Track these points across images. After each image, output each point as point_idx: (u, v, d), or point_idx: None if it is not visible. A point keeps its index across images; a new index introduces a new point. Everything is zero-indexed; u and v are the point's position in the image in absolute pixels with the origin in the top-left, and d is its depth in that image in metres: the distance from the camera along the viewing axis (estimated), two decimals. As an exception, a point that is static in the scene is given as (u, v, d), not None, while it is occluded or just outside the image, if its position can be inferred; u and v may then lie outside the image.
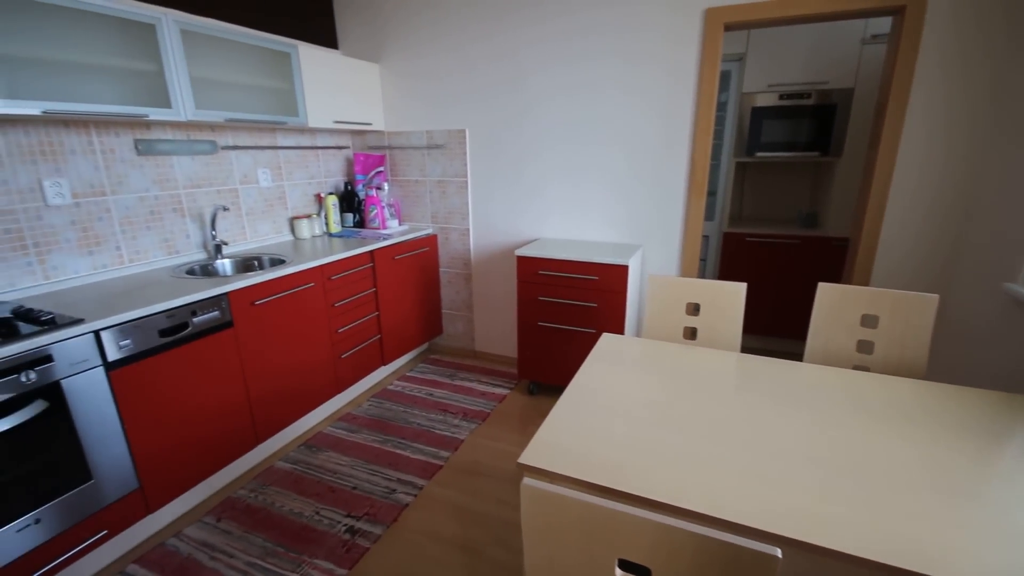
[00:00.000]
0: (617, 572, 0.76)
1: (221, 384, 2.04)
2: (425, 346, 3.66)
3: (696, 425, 1.22)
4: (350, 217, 3.27)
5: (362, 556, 1.81)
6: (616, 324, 2.58)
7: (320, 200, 3.20)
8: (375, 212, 3.18)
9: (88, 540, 1.65)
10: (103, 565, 1.78)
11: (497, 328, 3.38)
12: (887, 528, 0.88)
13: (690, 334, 1.93)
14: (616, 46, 2.59)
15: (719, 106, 3.47)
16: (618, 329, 2.58)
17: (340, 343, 2.67)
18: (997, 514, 0.91)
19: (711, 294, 1.84)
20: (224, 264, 2.50)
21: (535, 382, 2.97)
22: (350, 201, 3.27)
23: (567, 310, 2.68)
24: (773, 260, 3.39)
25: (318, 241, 2.92)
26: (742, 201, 4.01)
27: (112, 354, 1.66)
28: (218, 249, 2.50)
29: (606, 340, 1.76)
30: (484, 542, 1.87)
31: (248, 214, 2.76)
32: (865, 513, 0.91)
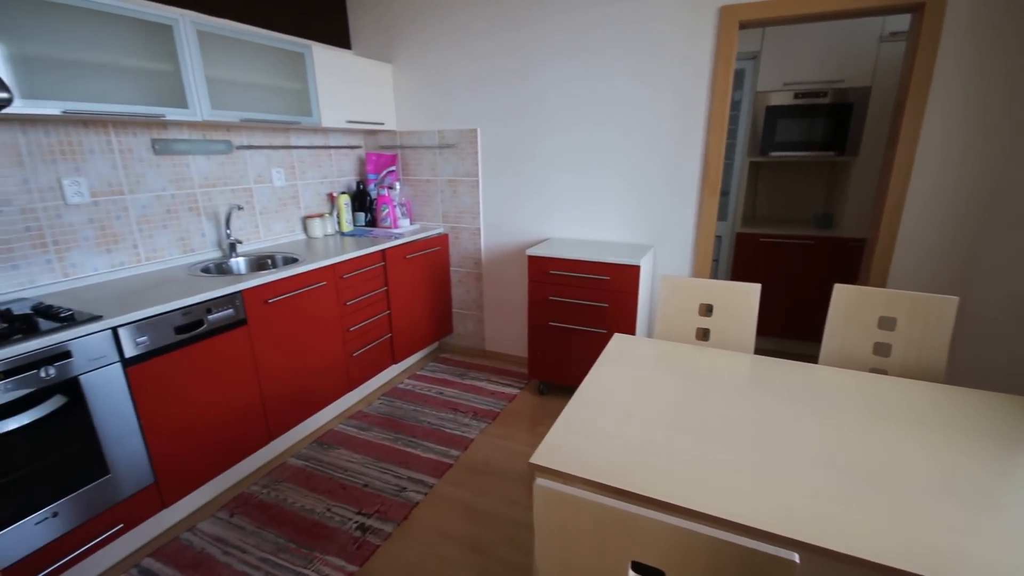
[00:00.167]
0: (630, 574, 0.75)
1: (235, 381, 2.06)
2: (435, 345, 3.67)
3: (710, 427, 1.21)
4: (362, 216, 3.29)
5: (373, 553, 1.81)
6: (627, 325, 2.57)
7: (332, 199, 3.22)
8: (387, 211, 3.20)
9: (104, 533, 1.68)
10: (119, 558, 1.80)
11: (507, 328, 3.38)
12: (905, 534, 0.86)
13: (702, 335, 1.92)
14: (630, 47, 2.57)
15: (733, 105, 3.44)
16: (629, 330, 2.57)
17: (351, 341, 2.68)
18: (1017, 521, 0.89)
19: (724, 295, 1.83)
20: (238, 262, 2.53)
21: (545, 382, 2.96)
22: (362, 200, 3.29)
23: (578, 310, 2.67)
24: (787, 261, 3.35)
25: (330, 240, 2.94)
26: (755, 201, 3.97)
27: (129, 351, 1.69)
28: (232, 248, 2.52)
29: (618, 341, 1.75)
30: (494, 542, 1.87)
31: (262, 213, 2.78)
32: (883, 518, 0.90)
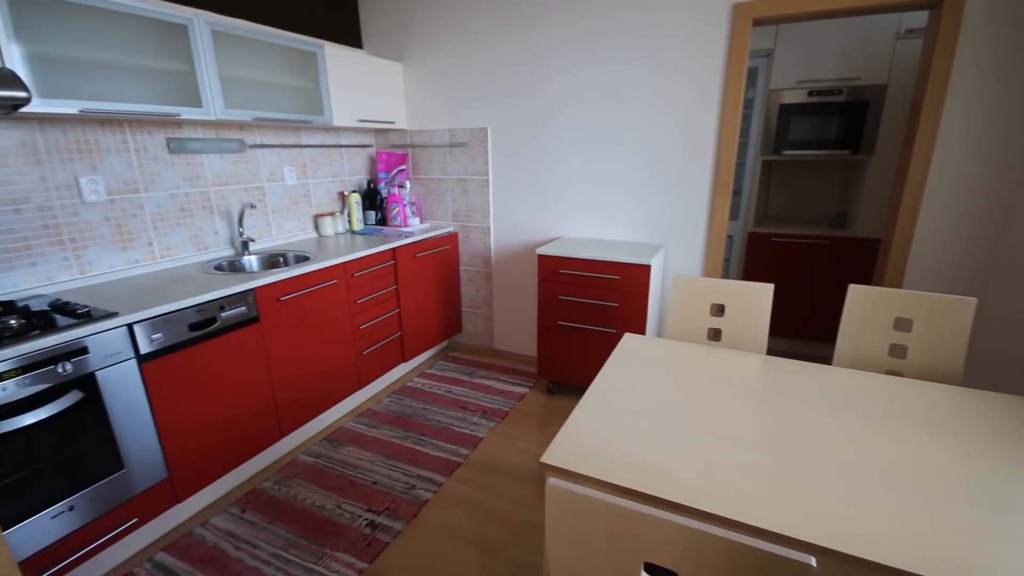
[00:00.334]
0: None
1: (247, 378, 2.08)
2: (445, 344, 3.68)
3: (723, 428, 1.19)
4: (372, 215, 3.30)
5: (382, 550, 1.82)
6: (637, 324, 2.56)
7: (343, 198, 3.24)
8: (397, 210, 3.21)
9: (119, 527, 1.70)
10: (133, 552, 1.83)
11: (516, 327, 3.38)
12: (924, 538, 0.85)
13: (713, 335, 1.90)
14: (641, 42, 2.56)
15: (745, 103, 3.41)
16: (639, 329, 2.56)
17: (362, 339, 2.70)
18: (1042, 528, 0.87)
19: (737, 295, 1.81)
20: (251, 260, 2.55)
21: (554, 381, 2.96)
22: (373, 199, 3.30)
23: (588, 310, 2.66)
24: (800, 261, 3.31)
25: (341, 238, 2.96)
26: (768, 200, 3.93)
27: (144, 347, 1.71)
28: (245, 246, 2.55)
29: (628, 340, 1.74)
30: (503, 541, 1.87)
31: (274, 211, 2.80)
32: (900, 522, 0.88)
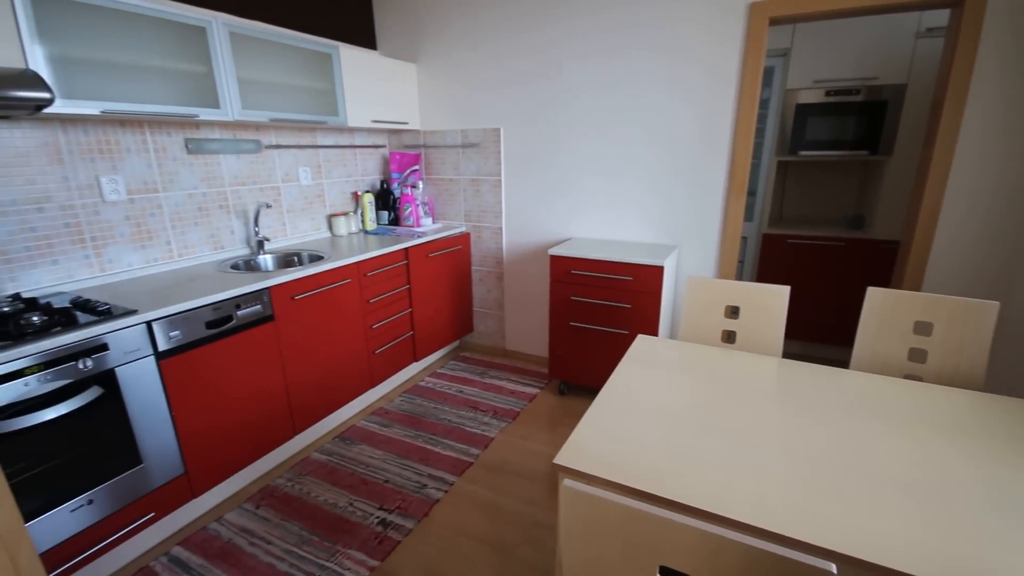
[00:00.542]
0: (658, 579, 0.74)
1: (262, 375, 2.10)
2: (456, 343, 3.69)
3: (738, 431, 1.18)
4: (385, 215, 3.32)
5: (394, 549, 1.83)
6: (650, 326, 2.54)
7: (357, 198, 3.26)
8: (410, 210, 3.22)
9: (136, 521, 1.73)
10: (149, 546, 1.86)
11: (528, 327, 3.38)
12: (945, 546, 0.83)
13: (727, 337, 1.88)
14: (655, 41, 2.54)
15: (761, 103, 3.37)
16: (651, 331, 2.54)
17: (374, 339, 2.71)
18: (1069, 538, 0.85)
19: (752, 297, 1.79)
20: (266, 259, 2.58)
21: (566, 382, 2.95)
22: (385, 199, 3.32)
23: (600, 310, 2.65)
24: (816, 263, 3.27)
25: (354, 238, 2.98)
26: (783, 201, 3.88)
27: (162, 344, 1.73)
28: (260, 245, 2.57)
29: (641, 342, 1.73)
30: (515, 541, 1.87)
31: (289, 211, 2.83)
32: (920, 530, 0.87)
